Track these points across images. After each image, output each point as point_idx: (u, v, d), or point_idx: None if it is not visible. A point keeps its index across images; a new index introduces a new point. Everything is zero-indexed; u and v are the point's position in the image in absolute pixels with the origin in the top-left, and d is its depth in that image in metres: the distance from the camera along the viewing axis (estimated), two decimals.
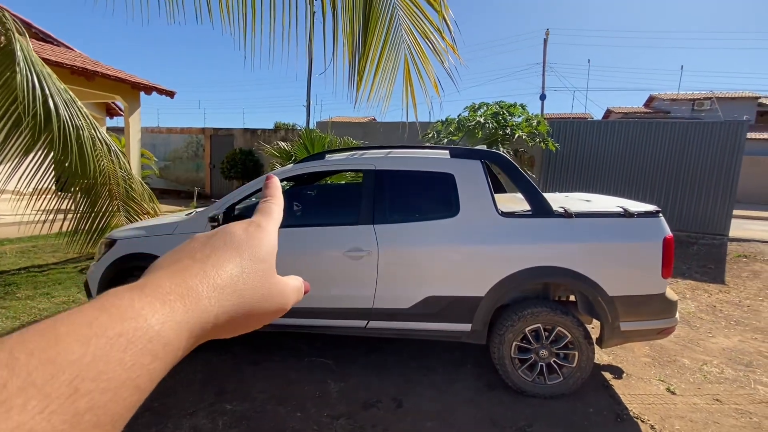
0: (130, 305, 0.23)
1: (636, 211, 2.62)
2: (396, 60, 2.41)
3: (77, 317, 0.21)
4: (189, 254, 0.29)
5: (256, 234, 0.33)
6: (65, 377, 0.18)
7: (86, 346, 0.20)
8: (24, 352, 0.18)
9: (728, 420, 2.57)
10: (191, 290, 0.26)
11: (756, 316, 4.47)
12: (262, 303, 0.30)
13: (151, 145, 13.60)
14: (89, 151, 3.80)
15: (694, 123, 8.05)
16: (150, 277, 0.27)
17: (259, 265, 0.31)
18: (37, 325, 0.20)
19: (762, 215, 12.17)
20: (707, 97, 19.97)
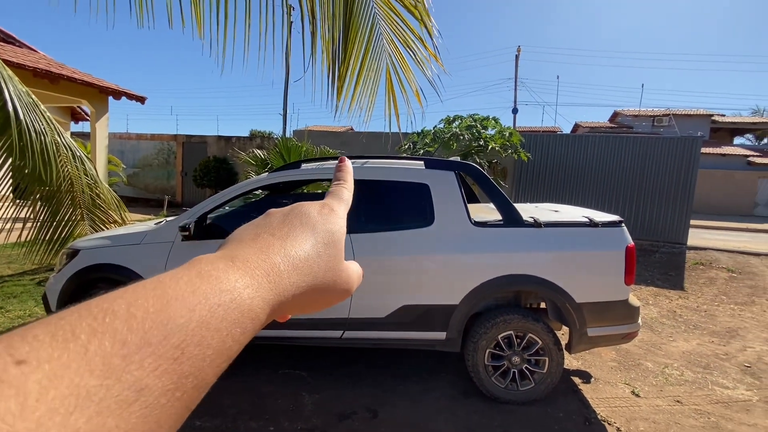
0: (225, 276, 0.24)
1: (600, 221, 2.75)
2: (377, 70, 2.42)
3: (181, 282, 0.22)
4: (269, 231, 0.30)
5: (329, 217, 0.33)
6: (175, 340, 0.19)
7: (192, 313, 0.21)
8: (140, 310, 0.19)
9: (688, 420, 2.70)
10: (275, 268, 0.26)
11: (712, 320, 4.74)
12: (331, 286, 0.31)
13: (119, 151, 13.11)
14: (52, 157, 3.63)
15: (654, 138, 8.53)
16: (234, 248, 0.28)
17: (331, 250, 0.31)
18: (145, 283, 0.22)
19: (716, 225, 12.96)
20: (665, 114, 21.22)
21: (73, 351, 0.17)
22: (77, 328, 0.18)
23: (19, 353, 0.16)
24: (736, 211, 17.90)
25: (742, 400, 2.99)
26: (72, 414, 0.16)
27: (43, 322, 0.18)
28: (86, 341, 0.18)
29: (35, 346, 0.17)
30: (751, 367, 3.55)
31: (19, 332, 0.18)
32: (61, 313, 0.19)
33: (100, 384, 0.17)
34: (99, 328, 0.18)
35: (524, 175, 9.06)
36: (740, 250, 8.04)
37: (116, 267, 2.91)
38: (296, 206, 0.33)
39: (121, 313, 0.19)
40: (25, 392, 0.15)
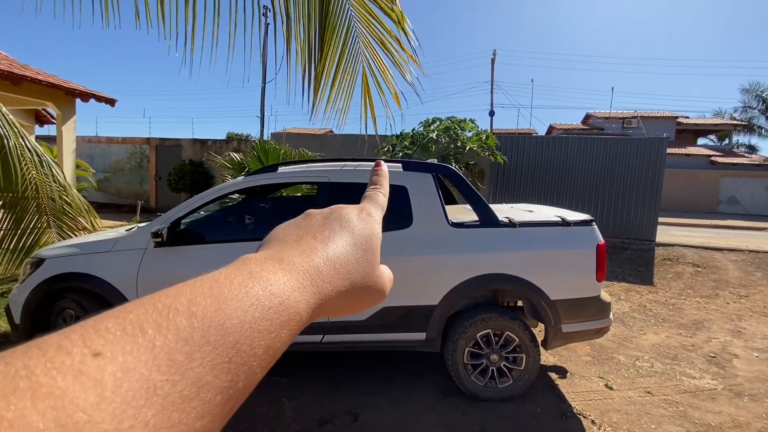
0: (275, 279, 0.25)
1: (572, 220, 2.84)
2: (354, 72, 2.41)
3: (235, 283, 0.23)
4: (310, 233, 0.31)
5: (367, 222, 0.34)
6: (231, 340, 0.20)
7: (245, 314, 0.22)
8: (200, 309, 0.21)
9: (658, 410, 2.81)
10: (318, 272, 0.27)
11: (679, 313, 4.95)
12: (367, 289, 0.31)
13: (88, 155, 12.63)
14: (15, 161, 3.47)
15: (623, 139, 8.86)
16: (279, 249, 0.29)
17: (368, 255, 0.32)
18: (201, 281, 0.23)
19: (683, 222, 13.56)
20: (634, 116, 22.07)
21: (142, 345, 0.18)
22: (145, 323, 0.19)
23: (95, 345, 0.17)
24: (700, 209, 18.78)
25: (708, 389, 3.13)
26: (143, 407, 0.17)
27: (112, 315, 0.19)
28: (153, 336, 0.18)
29: (109, 338, 0.18)
30: (715, 357, 3.73)
31: (92, 324, 0.18)
32: (128, 306, 0.20)
33: (166, 379, 0.18)
34: (164, 324, 0.19)
35: (501, 177, 9.24)
36: (705, 245, 8.43)
37: (85, 276, 2.80)
38: (336, 209, 0.34)
39: (182, 310, 0.20)
40: (102, 384, 0.16)
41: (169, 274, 2.80)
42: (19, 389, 0.15)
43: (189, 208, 2.89)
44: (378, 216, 0.36)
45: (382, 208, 0.38)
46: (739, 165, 19.97)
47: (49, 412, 0.15)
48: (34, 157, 3.70)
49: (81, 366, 0.16)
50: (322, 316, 0.28)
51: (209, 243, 2.90)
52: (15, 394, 0.15)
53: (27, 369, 0.16)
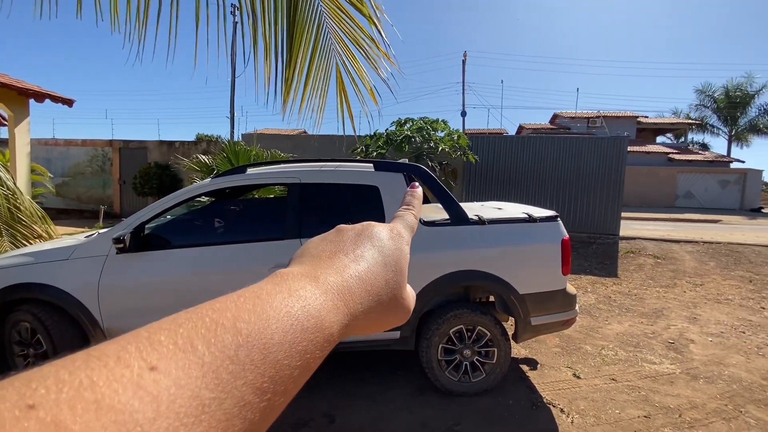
0: (312, 298, 0.26)
1: (538, 216, 2.93)
2: (327, 69, 2.36)
3: (276, 301, 0.24)
4: (342, 251, 0.31)
5: (398, 243, 0.34)
6: (272, 359, 0.21)
7: (286, 335, 0.23)
8: (245, 326, 0.21)
9: (622, 396, 2.95)
10: (351, 292, 0.28)
11: (641, 303, 5.20)
12: (393, 310, 0.32)
13: (45, 159, 11.95)
14: None
15: (587, 138, 9.23)
16: (314, 266, 0.29)
17: (397, 276, 0.32)
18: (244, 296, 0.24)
19: (644, 216, 14.26)
20: (597, 116, 23.02)
21: (193, 362, 0.19)
22: (194, 338, 0.20)
23: (151, 359, 0.18)
24: (660, 203, 19.81)
25: (667, 374, 3.31)
26: (193, 424, 0.17)
27: (164, 328, 0.20)
28: (202, 353, 0.19)
29: (163, 352, 0.18)
30: (674, 343, 3.94)
31: (147, 336, 0.19)
32: (178, 319, 0.21)
33: (214, 397, 0.18)
34: (212, 340, 0.20)
35: (473, 176, 9.43)
36: (664, 238, 8.91)
37: (41, 286, 2.65)
38: (367, 227, 0.35)
39: (229, 326, 0.21)
40: (158, 399, 0.17)
41: (134, 281, 2.70)
42: (84, 401, 0.16)
43: (154, 212, 2.79)
44: (408, 236, 0.37)
45: (412, 228, 0.39)
46: (694, 162, 21.21)
47: (112, 427, 0.15)
48: None
49: (139, 380, 0.17)
50: (350, 334, 0.29)
51: (176, 248, 2.81)
52: (81, 405, 0.15)
53: (90, 380, 0.16)
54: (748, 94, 25.24)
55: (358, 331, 0.30)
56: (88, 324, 2.66)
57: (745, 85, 25.37)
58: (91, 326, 2.66)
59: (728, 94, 25.71)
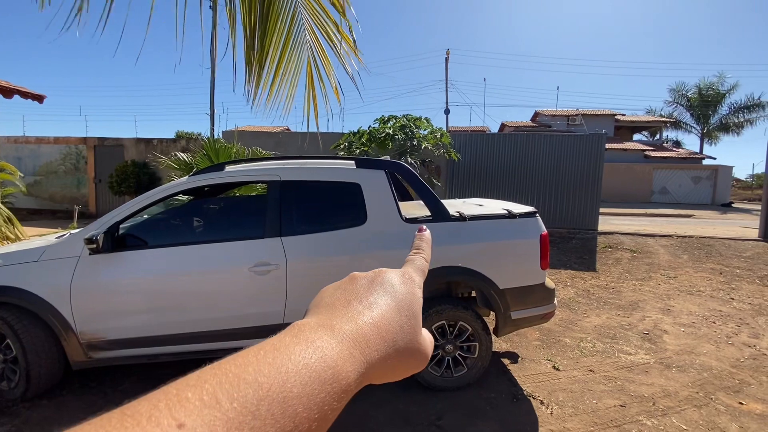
0: (329, 350, 0.26)
1: (518, 212, 2.98)
2: (299, 62, 2.34)
3: (295, 354, 0.25)
4: (356, 298, 0.32)
5: (411, 287, 0.35)
6: (290, 412, 0.22)
7: (305, 387, 0.24)
8: (266, 380, 0.23)
9: (599, 386, 3.03)
10: (366, 339, 0.29)
11: (618, 296, 5.35)
12: (410, 356, 0.32)
13: (15, 157, 11.50)
14: None
15: (566, 136, 9.42)
16: (329, 315, 0.30)
17: (412, 321, 0.33)
18: (264, 350, 0.25)
19: (620, 212, 14.66)
20: (577, 114, 23.52)
21: (218, 418, 0.20)
22: (219, 394, 0.21)
23: (180, 416, 0.19)
24: (636, 199, 20.41)
25: (642, 364, 3.42)
26: None
27: (191, 385, 0.21)
28: (226, 409, 0.20)
29: (190, 409, 0.20)
30: (648, 333, 4.07)
31: (175, 393, 0.21)
32: (203, 375, 0.22)
33: None
34: (235, 395, 0.21)
35: (457, 173, 9.50)
36: (640, 232, 9.17)
37: (8, 288, 2.55)
38: (379, 273, 0.36)
39: (251, 380, 0.22)
40: None
41: (108, 283, 2.62)
42: None
43: (128, 212, 2.72)
44: (419, 280, 0.38)
45: (423, 272, 0.39)
46: (669, 158, 21.92)
47: None
48: None
49: None
50: (368, 382, 0.29)
51: (152, 248, 2.74)
52: None
53: None
54: (719, 93, 26.20)
55: (378, 379, 0.30)
56: (60, 327, 2.58)
57: (717, 84, 26.35)
58: (63, 330, 2.58)
59: (701, 93, 26.64)
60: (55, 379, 2.71)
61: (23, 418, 2.52)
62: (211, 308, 2.69)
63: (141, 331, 2.64)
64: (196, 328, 2.67)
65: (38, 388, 2.65)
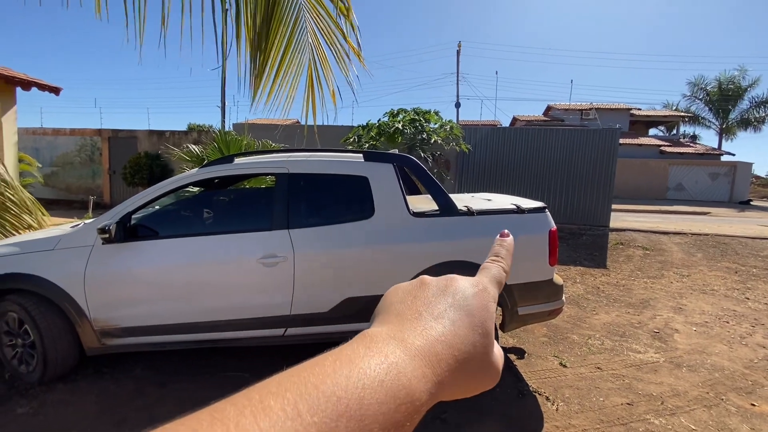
0: (402, 365, 0.25)
1: (527, 207, 2.95)
2: (300, 65, 2.37)
3: (369, 369, 0.24)
4: (427, 308, 0.30)
5: (485, 300, 0.32)
6: (368, 429, 0.22)
7: (381, 406, 0.23)
8: (344, 393, 0.22)
9: (606, 384, 3.01)
10: (439, 360, 0.27)
11: (629, 293, 5.28)
12: (480, 375, 0.31)
13: (33, 149, 11.76)
14: None
15: (580, 130, 9.26)
16: (399, 327, 0.29)
17: (485, 339, 0.31)
18: (341, 359, 0.25)
19: (635, 208, 14.40)
20: (591, 108, 23.08)
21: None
22: (300, 406, 0.21)
23: (264, 425, 0.20)
24: (651, 195, 20.01)
25: (651, 362, 3.38)
26: None
27: (272, 392, 0.22)
28: (308, 423, 0.20)
29: (274, 420, 0.20)
30: (659, 332, 4.02)
31: (258, 399, 0.21)
32: (283, 382, 0.23)
33: None
34: (316, 409, 0.21)
35: (467, 167, 9.44)
36: (653, 230, 9.02)
37: (26, 276, 2.63)
38: (451, 281, 0.33)
39: (329, 393, 0.22)
40: None
41: (120, 272, 2.68)
42: None
43: (140, 202, 2.77)
44: (494, 292, 0.35)
45: (500, 283, 0.36)
46: (686, 154, 21.40)
47: None
48: None
49: None
50: (438, 400, 0.28)
51: (163, 238, 2.79)
52: None
53: None
54: (740, 87, 25.42)
55: (448, 397, 0.29)
56: (75, 314, 2.65)
57: (738, 78, 25.55)
58: (78, 317, 2.65)
59: (721, 87, 25.88)
60: (70, 364, 2.80)
61: (41, 400, 2.61)
62: (219, 298, 2.73)
63: (152, 319, 2.70)
64: (206, 318, 2.72)
65: (55, 373, 2.74)
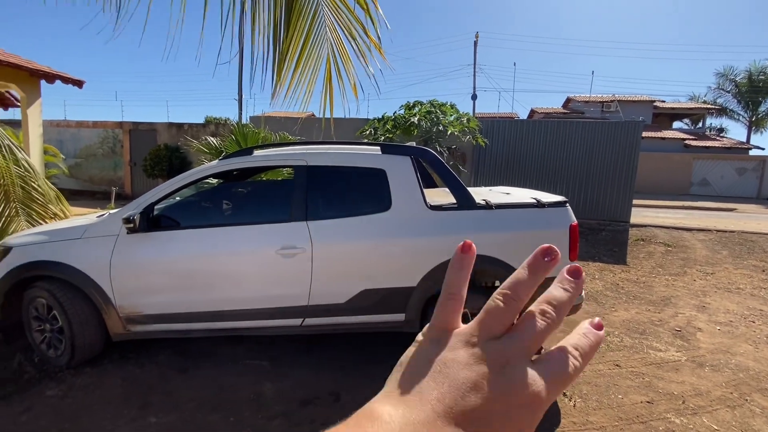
0: None
1: (547, 201, 2.90)
2: (318, 59, 2.35)
3: None
4: (452, 397, 0.25)
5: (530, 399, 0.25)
6: None
7: None
8: None
9: (625, 381, 2.96)
10: None
11: (649, 290, 5.16)
12: None
13: (57, 140, 12.11)
14: None
15: (601, 123, 9.03)
16: (431, 414, 0.25)
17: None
18: None
19: (657, 203, 14.01)
20: (612, 100, 22.43)
21: None
22: None
23: None
24: (674, 191, 19.42)
25: (672, 361, 3.31)
26: None
27: None
28: None
29: None
30: (681, 331, 3.92)
31: None
32: None
33: None
34: None
35: (483, 160, 9.32)
36: (676, 226, 8.77)
37: (55, 264, 2.72)
38: (486, 352, 0.27)
39: None
40: None
41: (144, 261, 2.75)
42: None
43: (162, 193, 2.83)
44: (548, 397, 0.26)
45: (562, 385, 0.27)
46: (711, 148, 20.65)
47: None
48: None
49: None
50: None
51: (184, 228, 2.85)
52: None
53: None
54: None
55: None
56: (101, 301, 2.74)
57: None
58: (104, 303, 2.74)
59: (751, 78, 24.78)
60: (97, 349, 2.90)
61: (69, 383, 2.72)
62: (239, 288, 2.78)
63: (174, 307, 2.77)
64: (226, 307, 2.78)
65: (82, 357, 2.84)
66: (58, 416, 2.38)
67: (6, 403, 2.49)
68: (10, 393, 2.58)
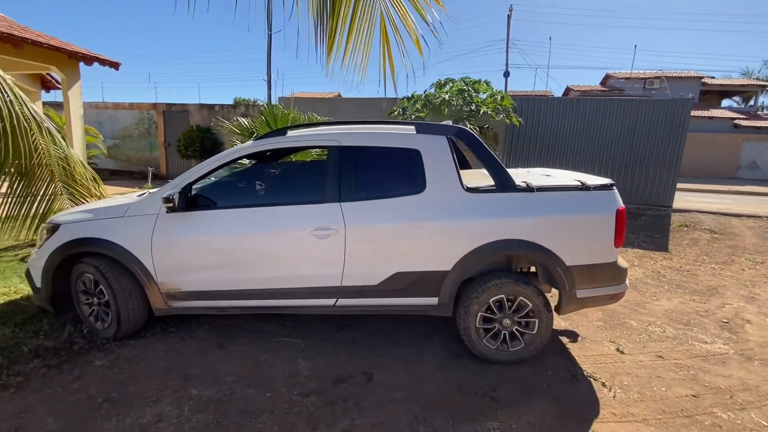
0: None
1: (592, 184, 2.74)
2: (372, 16, 2.19)
3: None
4: None
5: None
6: None
7: None
8: None
9: (669, 374, 2.83)
10: None
11: (694, 279, 4.90)
12: None
13: (96, 122, 12.58)
14: (22, 128, 3.44)
15: (644, 101, 8.46)
16: None
17: None
18: None
19: (701, 188, 13.21)
20: (657, 76, 21.02)
21: None
22: None
23: None
24: (719, 174, 18.23)
25: (719, 354, 3.13)
26: None
27: None
28: None
29: None
30: (728, 322, 3.71)
31: None
32: None
33: None
34: None
35: (516, 140, 8.99)
36: (722, 211, 8.24)
37: (100, 241, 2.83)
38: None
39: None
40: None
41: (182, 239, 2.82)
42: None
43: (199, 174, 2.86)
44: None
45: None
46: (763, 128, 19.11)
47: None
48: (32, 124, 3.64)
49: None
50: None
51: (221, 208, 2.89)
52: None
53: None
54: None
55: None
56: (143, 277, 2.84)
57: None
58: (146, 279, 2.84)
59: None
60: (140, 323, 3.03)
61: (116, 354, 2.86)
62: (274, 268, 2.81)
63: (211, 285, 2.84)
64: (261, 286, 2.82)
65: (127, 330, 2.98)
66: (106, 385, 2.51)
67: (58, 371, 2.65)
68: (62, 362, 2.75)
